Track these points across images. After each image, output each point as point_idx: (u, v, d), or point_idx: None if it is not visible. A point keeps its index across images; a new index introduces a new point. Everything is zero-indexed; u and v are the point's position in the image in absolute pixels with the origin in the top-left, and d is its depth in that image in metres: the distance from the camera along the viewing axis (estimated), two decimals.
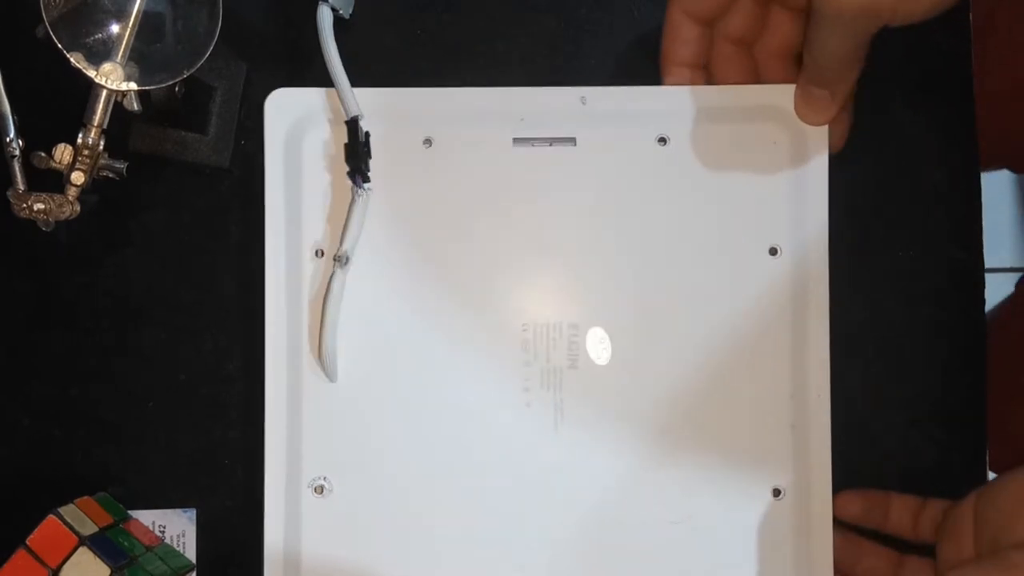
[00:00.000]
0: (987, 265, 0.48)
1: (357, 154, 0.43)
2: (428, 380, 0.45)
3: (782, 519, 0.45)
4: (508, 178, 0.45)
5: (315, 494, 0.44)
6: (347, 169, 0.44)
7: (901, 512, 0.45)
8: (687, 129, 0.45)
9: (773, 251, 0.45)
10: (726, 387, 0.45)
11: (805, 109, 0.44)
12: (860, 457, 0.47)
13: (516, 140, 0.45)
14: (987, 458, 0.47)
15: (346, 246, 0.44)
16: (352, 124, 0.43)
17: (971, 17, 0.48)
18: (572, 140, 0.45)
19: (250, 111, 0.48)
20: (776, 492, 0.45)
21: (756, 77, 0.45)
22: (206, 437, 0.48)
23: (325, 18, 0.44)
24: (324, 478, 0.44)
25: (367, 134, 0.44)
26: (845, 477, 0.45)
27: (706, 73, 0.45)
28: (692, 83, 0.45)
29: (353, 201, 0.44)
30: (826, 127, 0.44)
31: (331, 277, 0.44)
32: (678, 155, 0.45)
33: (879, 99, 0.48)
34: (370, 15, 0.48)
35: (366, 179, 0.44)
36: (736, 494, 0.45)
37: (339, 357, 0.45)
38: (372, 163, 0.44)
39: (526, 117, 0.45)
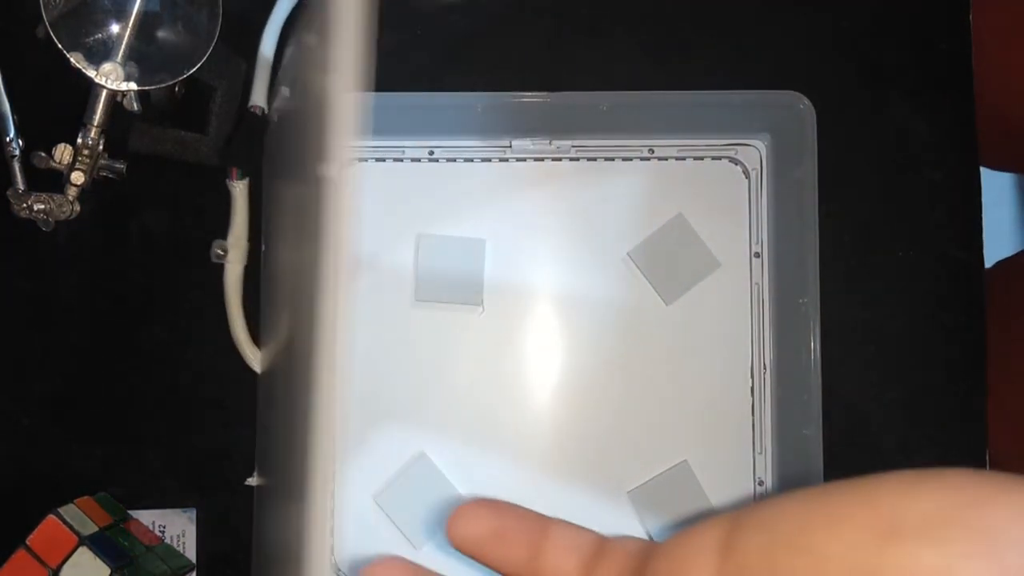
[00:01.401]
0: (987, 265, 0.48)
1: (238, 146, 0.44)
2: None
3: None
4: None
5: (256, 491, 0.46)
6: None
7: (517, 543, 0.25)
8: None
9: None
10: None
11: None
12: (860, 458, 0.47)
13: None
14: (987, 458, 0.47)
15: (227, 239, 0.45)
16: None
17: (971, 17, 0.48)
18: None
19: None
20: None
21: None
22: (206, 437, 0.48)
23: (282, 7, 0.45)
24: (253, 474, 0.46)
25: (265, 124, 0.44)
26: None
27: None
28: None
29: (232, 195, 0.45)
30: None
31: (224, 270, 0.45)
32: None
33: (879, 99, 0.48)
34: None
35: (247, 172, 0.45)
36: None
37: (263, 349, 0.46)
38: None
39: None
